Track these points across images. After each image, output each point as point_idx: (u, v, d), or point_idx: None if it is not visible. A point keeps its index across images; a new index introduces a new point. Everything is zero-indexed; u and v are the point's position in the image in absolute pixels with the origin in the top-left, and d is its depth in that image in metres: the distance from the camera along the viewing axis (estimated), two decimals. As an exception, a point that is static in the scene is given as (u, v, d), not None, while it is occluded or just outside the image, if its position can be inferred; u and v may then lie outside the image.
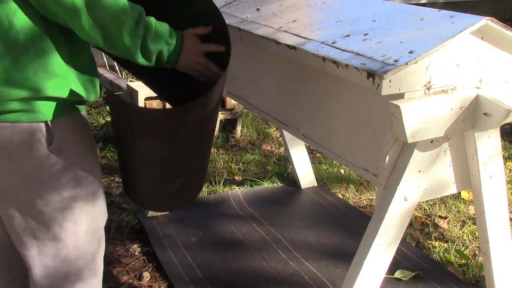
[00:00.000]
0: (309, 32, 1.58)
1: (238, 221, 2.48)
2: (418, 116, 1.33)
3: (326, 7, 1.78)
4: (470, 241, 2.46)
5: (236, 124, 3.73)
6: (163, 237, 2.38)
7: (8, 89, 1.20)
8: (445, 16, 1.43)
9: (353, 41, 1.44)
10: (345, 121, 1.63)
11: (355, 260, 1.49)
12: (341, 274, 2.10)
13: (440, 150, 1.46)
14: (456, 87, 1.40)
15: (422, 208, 2.76)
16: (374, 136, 1.51)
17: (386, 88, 1.27)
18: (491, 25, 1.35)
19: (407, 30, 1.41)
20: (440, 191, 1.54)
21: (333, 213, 2.60)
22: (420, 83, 1.33)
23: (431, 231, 2.54)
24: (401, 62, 1.26)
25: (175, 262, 2.20)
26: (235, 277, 2.08)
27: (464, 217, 2.69)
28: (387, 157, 1.42)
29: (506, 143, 3.65)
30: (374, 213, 1.47)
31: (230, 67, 1.55)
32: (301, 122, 1.87)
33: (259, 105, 2.16)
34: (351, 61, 1.34)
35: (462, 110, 1.39)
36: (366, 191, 2.97)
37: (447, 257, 2.31)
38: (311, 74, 1.71)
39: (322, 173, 3.18)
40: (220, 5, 2.12)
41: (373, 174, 1.55)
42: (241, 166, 3.27)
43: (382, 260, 1.48)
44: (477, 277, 2.19)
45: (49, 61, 1.24)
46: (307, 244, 2.31)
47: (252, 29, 1.74)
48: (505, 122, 1.36)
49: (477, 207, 1.60)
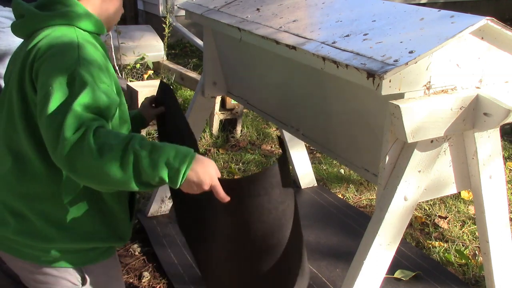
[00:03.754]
0: (309, 32, 1.58)
1: (238, 221, 2.48)
2: (418, 116, 1.33)
3: (326, 7, 1.78)
4: (470, 241, 2.46)
5: (236, 124, 3.73)
6: (163, 237, 2.37)
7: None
8: (445, 16, 1.43)
9: (353, 41, 1.44)
10: (345, 121, 1.63)
11: (355, 260, 1.49)
12: (341, 274, 2.10)
13: (440, 150, 1.46)
14: (456, 87, 1.40)
15: (422, 208, 2.76)
16: (374, 136, 1.51)
17: (386, 88, 1.27)
18: (491, 25, 1.35)
19: (407, 30, 1.41)
20: (440, 191, 1.54)
21: (333, 213, 2.60)
22: (420, 83, 1.33)
23: (431, 231, 2.54)
24: (401, 62, 1.25)
25: (175, 262, 2.20)
26: (235, 277, 2.08)
27: (464, 217, 2.69)
28: (387, 157, 1.42)
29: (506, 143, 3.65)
30: (374, 213, 1.47)
31: (231, 67, 1.56)
32: (301, 122, 1.87)
33: (259, 105, 2.16)
34: (351, 61, 1.34)
35: (462, 110, 1.39)
36: (366, 191, 2.97)
37: (447, 257, 2.31)
38: (311, 74, 1.71)
39: (322, 173, 3.18)
40: (220, 5, 2.12)
41: (373, 174, 1.55)
42: (241, 166, 3.28)
43: (382, 260, 1.48)
44: (477, 277, 2.19)
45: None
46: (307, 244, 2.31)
47: (252, 29, 1.74)
48: (505, 122, 1.36)
49: (477, 207, 1.60)
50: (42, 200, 1.36)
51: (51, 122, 1.18)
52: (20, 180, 1.36)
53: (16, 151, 1.35)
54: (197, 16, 2.17)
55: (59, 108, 1.19)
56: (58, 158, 1.18)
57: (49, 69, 1.25)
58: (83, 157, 1.15)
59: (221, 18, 1.97)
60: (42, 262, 1.40)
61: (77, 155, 1.15)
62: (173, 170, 1.18)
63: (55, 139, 1.17)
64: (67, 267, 1.42)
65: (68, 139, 1.15)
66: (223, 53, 2.27)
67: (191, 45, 6.12)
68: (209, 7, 2.15)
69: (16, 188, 1.37)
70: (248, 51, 2.03)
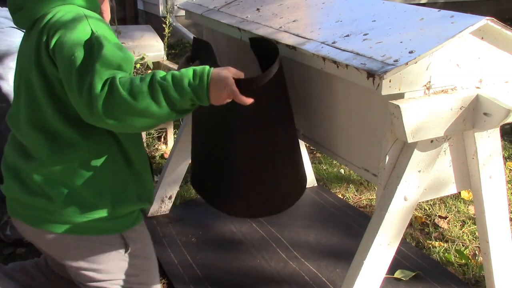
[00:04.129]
0: (309, 32, 1.58)
1: (238, 221, 2.48)
2: (418, 116, 1.33)
3: (326, 7, 1.78)
4: (470, 241, 2.46)
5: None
6: (163, 237, 2.37)
7: None
8: (445, 16, 1.43)
9: (353, 41, 1.44)
10: (345, 121, 1.63)
11: (355, 260, 1.49)
12: (341, 274, 2.10)
13: (440, 150, 1.46)
14: (456, 87, 1.40)
15: (422, 208, 2.76)
16: (374, 136, 1.51)
17: (386, 88, 1.27)
18: (491, 25, 1.35)
19: (407, 30, 1.41)
20: (440, 191, 1.54)
21: (333, 213, 2.60)
22: (420, 83, 1.33)
23: (431, 231, 2.54)
24: (401, 62, 1.25)
25: (175, 262, 2.20)
26: (235, 277, 2.08)
27: (464, 217, 2.69)
28: (387, 157, 1.42)
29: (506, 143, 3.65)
30: (374, 213, 1.47)
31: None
32: (301, 122, 1.87)
33: (259, 105, 2.16)
34: (351, 61, 1.34)
35: (462, 110, 1.39)
36: (366, 191, 2.97)
37: (447, 257, 2.31)
38: (311, 74, 1.71)
39: (322, 173, 3.18)
40: (220, 5, 2.12)
41: (373, 174, 1.55)
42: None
43: (382, 260, 1.48)
44: (477, 277, 2.19)
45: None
46: (307, 244, 2.31)
47: (252, 29, 1.74)
48: (505, 122, 1.36)
49: (477, 207, 1.60)
50: (81, 170, 1.45)
51: (80, 87, 1.29)
52: (58, 155, 1.44)
53: (46, 130, 1.44)
54: (197, 16, 2.17)
55: (84, 72, 1.30)
56: (96, 117, 1.29)
57: (67, 42, 1.34)
58: (118, 105, 1.27)
59: (221, 18, 1.97)
60: (86, 233, 1.49)
61: (112, 105, 1.27)
62: (196, 89, 1.30)
63: (88, 100, 1.28)
64: (109, 235, 1.53)
65: (99, 94, 1.27)
66: (223, 53, 2.27)
67: (191, 45, 6.11)
68: (209, 7, 2.15)
69: (56, 164, 1.44)
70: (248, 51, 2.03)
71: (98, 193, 1.46)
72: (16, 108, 1.52)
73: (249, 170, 1.68)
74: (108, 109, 1.27)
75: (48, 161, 1.44)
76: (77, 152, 1.44)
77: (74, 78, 1.30)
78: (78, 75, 1.30)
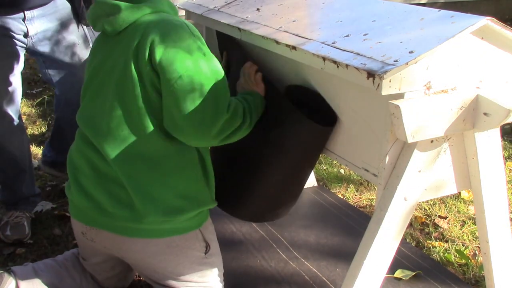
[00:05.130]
0: (309, 32, 1.58)
1: (238, 221, 2.48)
2: (418, 116, 1.33)
3: (326, 7, 1.78)
4: (470, 241, 2.46)
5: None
6: (163, 237, 2.37)
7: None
8: (445, 16, 1.42)
9: (353, 41, 1.44)
10: (345, 121, 1.64)
11: (355, 260, 1.49)
12: (342, 273, 2.10)
13: (440, 150, 1.46)
14: (456, 87, 1.40)
15: (422, 208, 2.76)
16: (374, 136, 1.51)
17: (386, 88, 1.27)
18: (491, 25, 1.35)
19: (407, 30, 1.41)
20: (440, 191, 1.54)
21: (333, 213, 2.60)
22: (420, 83, 1.33)
23: (431, 231, 2.54)
24: (401, 62, 1.25)
25: (175, 262, 2.20)
26: (235, 277, 2.08)
27: (464, 217, 2.69)
28: (387, 157, 1.42)
29: (506, 143, 3.65)
30: (374, 213, 1.47)
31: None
32: (301, 122, 1.86)
33: (259, 105, 2.15)
34: (351, 61, 1.34)
35: (462, 110, 1.39)
36: (366, 191, 2.97)
37: (447, 257, 2.31)
38: (311, 74, 1.71)
39: (322, 173, 3.18)
40: (220, 5, 2.12)
41: (373, 174, 1.55)
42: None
43: (382, 260, 1.48)
44: (477, 277, 2.19)
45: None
46: (307, 244, 2.31)
47: (252, 29, 1.74)
48: (505, 122, 1.36)
49: (477, 207, 1.60)
50: (170, 175, 1.55)
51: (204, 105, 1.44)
52: (148, 166, 1.52)
53: (138, 141, 1.51)
54: (197, 16, 2.17)
55: (205, 89, 1.44)
56: (212, 135, 1.47)
57: (177, 54, 1.44)
58: (235, 127, 1.53)
59: (221, 18, 1.97)
60: (169, 234, 1.59)
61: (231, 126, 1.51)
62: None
63: (211, 118, 1.45)
64: (193, 231, 1.64)
65: (224, 116, 1.47)
66: (223, 53, 2.27)
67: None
68: (209, 7, 2.15)
69: (147, 174, 1.53)
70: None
71: (184, 198, 1.57)
72: (93, 109, 1.55)
73: (268, 192, 1.80)
74: (225, 130, 1.49)
75: (141, 170, 1.52)
76: (168, 163, 1.54)
77: (192, 95, 1.42)
78: (199, 93, 1.43)
